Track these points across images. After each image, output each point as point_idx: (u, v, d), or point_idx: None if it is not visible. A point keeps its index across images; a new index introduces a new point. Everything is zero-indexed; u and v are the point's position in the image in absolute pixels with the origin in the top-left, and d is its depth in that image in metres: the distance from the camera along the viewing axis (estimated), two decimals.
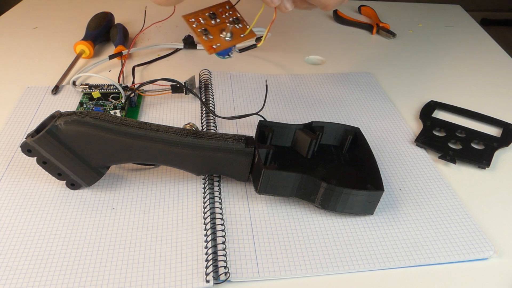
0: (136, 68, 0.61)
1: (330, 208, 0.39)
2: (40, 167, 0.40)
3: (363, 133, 0.45)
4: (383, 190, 0.39)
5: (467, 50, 0.73)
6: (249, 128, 0.51)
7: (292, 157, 0.44)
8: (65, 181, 0.41)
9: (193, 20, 0.44)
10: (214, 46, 0.44)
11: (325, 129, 0.45)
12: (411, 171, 0.46)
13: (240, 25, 0.46)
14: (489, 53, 0.73)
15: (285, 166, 0.42)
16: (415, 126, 0.54)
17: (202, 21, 0.44)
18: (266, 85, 0.51)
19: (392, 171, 0.46)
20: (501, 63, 0.70)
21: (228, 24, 0.45)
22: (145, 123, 0.39)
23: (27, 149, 0.38)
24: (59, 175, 0.40)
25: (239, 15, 0.46)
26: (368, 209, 0.40)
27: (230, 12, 0.45)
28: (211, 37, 0.44)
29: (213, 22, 0.45)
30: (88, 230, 0.38)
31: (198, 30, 0.44)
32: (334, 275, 0.36)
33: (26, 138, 0.38)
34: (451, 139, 0.51)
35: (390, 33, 0.76)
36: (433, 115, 0.55)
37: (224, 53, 0.45)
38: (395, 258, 0.37)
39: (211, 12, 0.45)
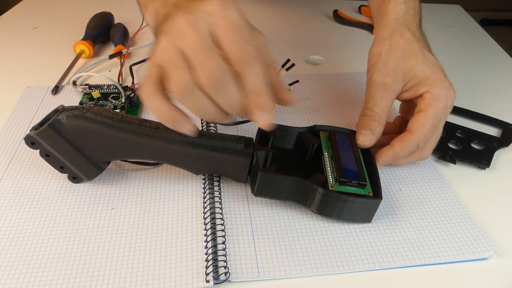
0: (135, 68, 0.61)
1: (326, 214, 0.39)
2: (39, 168, 0.40)
3: None
4: (381, 198, 0.38)
5: (467, 50, 0.73)
6: (250, 129, 0.51)
7: (293, 160, 0.43)
8: (67, 175, 0.41)
9: None
10: None
11: None
12: (411, 171, 0.46)
13: None
14: (489, 53, 0.73)
15: (285, 169, 0.42)
16: None
17: None
18: None
19: (392, 171, 0.46)
20: (501, 63, 0.70)
21: None
22: (146, 120, 0.39)
23: (30, 141, 0.39)
24: (61, 168, 0.41)
25: None
26: (365, 216, 0.40)
27: None
28: None
29: None
30: (88, 230, 0.38)
31: None
32: (334, 275, 0.36)
33: (30, 131, 0.38)
34: (451, 139, 0.51)
35: None
36: None
37: None
38: (395, 258, 0.37)
39: None
